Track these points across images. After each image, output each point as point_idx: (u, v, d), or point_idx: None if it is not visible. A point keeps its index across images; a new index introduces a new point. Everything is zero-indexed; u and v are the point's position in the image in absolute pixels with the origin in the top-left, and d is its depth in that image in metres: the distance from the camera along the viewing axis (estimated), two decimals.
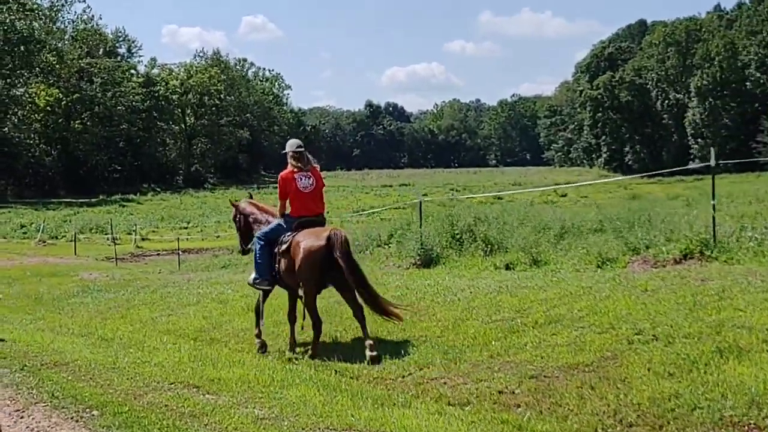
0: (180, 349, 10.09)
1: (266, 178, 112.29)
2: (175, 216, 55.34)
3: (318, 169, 10.13)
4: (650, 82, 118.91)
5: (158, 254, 35.89)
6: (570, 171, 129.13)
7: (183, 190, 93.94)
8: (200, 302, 14.72)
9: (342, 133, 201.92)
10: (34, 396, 7.71)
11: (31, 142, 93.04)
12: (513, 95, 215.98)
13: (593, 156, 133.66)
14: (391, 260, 16.89)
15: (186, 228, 46.46)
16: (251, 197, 11.57)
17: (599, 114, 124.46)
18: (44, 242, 41.23)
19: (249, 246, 10.83)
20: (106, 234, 44.32)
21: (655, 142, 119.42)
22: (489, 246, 14.82)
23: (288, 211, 9.99)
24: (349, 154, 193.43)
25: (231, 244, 31.31)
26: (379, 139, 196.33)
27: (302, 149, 9.91)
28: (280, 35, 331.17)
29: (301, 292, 9.66)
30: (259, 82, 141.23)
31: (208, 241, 41.22)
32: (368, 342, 8.94)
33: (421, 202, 16.23)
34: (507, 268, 13.57)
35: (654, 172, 51.07)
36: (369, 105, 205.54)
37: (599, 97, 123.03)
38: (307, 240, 9.31)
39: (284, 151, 9.95)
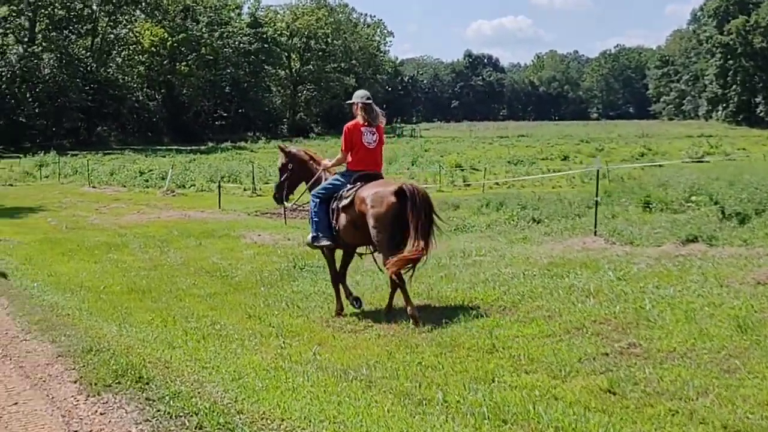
0: None
1: None
2: None
3: (383, 126, 9.39)
4: None
5: None
6: (688, 124, 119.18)
7: (290, 139, 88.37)
8: (582, 327, 7.56)
9: (440, 84, 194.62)
10: None
11: (135, 85, 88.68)
12: (616, 46, 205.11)
13: (718, 108, 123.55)
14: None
15: None
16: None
17: (730, 61, 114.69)
18: (173, 192, 35.54)
19: (288, 200, 10.30)
20: (241, 183, 38.62)
21: None
22: None
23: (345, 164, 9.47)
24: (447, 105, 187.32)
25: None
26: (478, 91, 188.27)
27: (371, 101, 9.29)
28: None
29: (364, 249, 9.44)
30: (362, 28, 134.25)
31: None
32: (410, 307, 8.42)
33: None
34: None
35: None
36: (468, 55, 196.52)
37: (731, 43, 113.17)
38: (377, 191, 8.64)
39: (350, 101, 9.41)
